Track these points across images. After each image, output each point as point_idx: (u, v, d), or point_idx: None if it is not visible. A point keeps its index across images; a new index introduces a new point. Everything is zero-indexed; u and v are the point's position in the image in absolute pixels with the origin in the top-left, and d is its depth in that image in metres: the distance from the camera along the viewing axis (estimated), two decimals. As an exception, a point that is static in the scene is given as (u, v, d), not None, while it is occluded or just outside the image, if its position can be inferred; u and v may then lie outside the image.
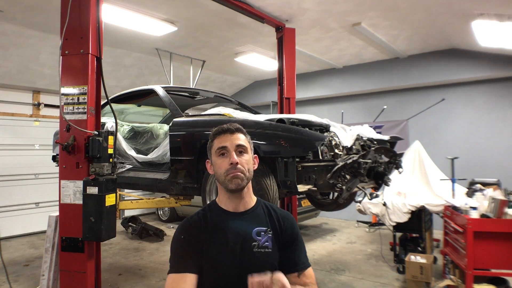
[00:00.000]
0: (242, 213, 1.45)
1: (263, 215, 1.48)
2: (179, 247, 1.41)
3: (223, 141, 1.43)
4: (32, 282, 4.48)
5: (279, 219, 1.48)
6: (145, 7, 4.90)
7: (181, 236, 1.42)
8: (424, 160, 5.22)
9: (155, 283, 4.60)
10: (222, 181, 1.41)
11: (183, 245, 1.40)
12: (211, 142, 1.47)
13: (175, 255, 1.40)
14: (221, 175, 1.41)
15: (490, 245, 3.48)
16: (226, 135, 1.44)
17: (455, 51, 6.78)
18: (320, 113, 4.79)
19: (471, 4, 4.60)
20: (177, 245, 1.42)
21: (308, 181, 2.72)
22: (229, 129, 1.44)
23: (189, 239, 1.40)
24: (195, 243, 1.39)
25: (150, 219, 8.47)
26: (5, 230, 6.43)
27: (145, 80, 7.84)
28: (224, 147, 1.42)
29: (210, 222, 1.43)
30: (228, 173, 1.39)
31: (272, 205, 1.56)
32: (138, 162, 4.14)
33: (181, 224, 1.48)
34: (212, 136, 1.47)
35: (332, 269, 4.97)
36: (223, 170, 1.40)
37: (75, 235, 2.78)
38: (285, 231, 1.46)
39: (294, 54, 5.26)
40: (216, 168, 1.43)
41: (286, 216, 1.52)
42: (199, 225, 1.43)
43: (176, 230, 1.46)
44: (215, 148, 1.44)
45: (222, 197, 1.48)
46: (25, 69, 6.43)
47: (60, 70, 2.88)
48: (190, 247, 1.39)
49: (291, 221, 1.51)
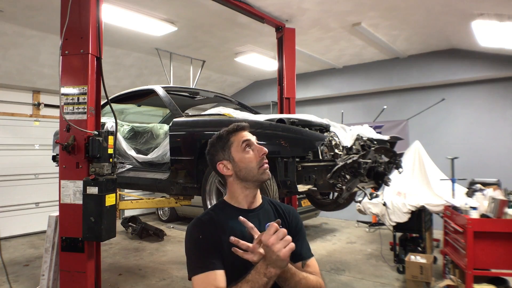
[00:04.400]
0: (255, 209, 1.45)
1: (271, 211, 1.50)
2: (199, 247, 1.31)
3: (244, 135, 1.42)
4: (32, 282, 4.48)
5: (285, 213, 1.51)
6: (145, 7, 4.90)
7: (199, 236, 1.33)
8: (424, 160, 5.22)
9: (155, 283, 4.60)
10: (254, 175, 1.39)
11: (203, 244, 1.31)
12: (227, 140, 1.43)
13: (196, 255, 1.31)
14: (253, 169, 1.38)
15: (490, 245, 3.48)
16: (242, 131, 1.44)
17: (455, 51, 6.78)
18: (320, 113, 4.79)
19: (471, 4, 4.60)
20: (196, 245, 1.32)
21: (308, 181, 2.72)
22: (243, 126, 1.45)
23: (208, 238, 1.32)
24: (215, 242, 1.31)
25: (150, 219, 8.48)
26: (5, 230, 6.43)
27: (145, 80, 7.84)
28: (248, 140, 1.41)
29: (224, 221, 1.37)
30: (261, 164, 1.39)
31: (275, 200, 1.59)
32: (138, 162, 4.14)
33: (192, 225, 1.38)
34: (227, 135, 1.43)
35: (332, 269, 4.97)
36: (255, 163, 1.38)
37: (75, 235, 2.78)
38: (290, 224, 1.49)
39: (294, 54, 5.26)
40: (246, 163, 1.39)
41: (290, 210, 1.55)
42: (214, 224, 1.36)
43: (189, 233, 1.37)
44: (238, 143, 1.41)
45: (238, 195, 1.43)
46: (25, 69, 6.43)
47: (60, 70, 2.88)
48: (210, 245, 1.31)
49: (295, 214, 1.55)
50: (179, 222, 8.10)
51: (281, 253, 1.12)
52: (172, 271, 5.00)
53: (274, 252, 1.13)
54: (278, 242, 1.13)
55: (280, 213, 1.51)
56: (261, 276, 1.15)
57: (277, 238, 1.14)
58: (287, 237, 1.16)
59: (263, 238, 1.15)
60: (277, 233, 1.15)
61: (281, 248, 1.12)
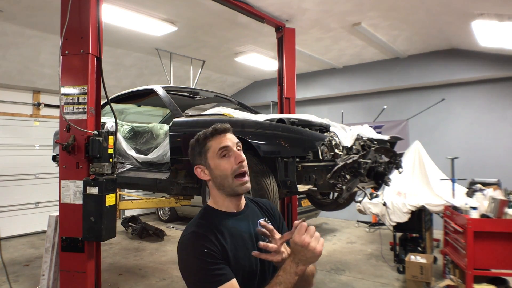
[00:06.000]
0: (243, 211, 1.42)
1: (256, 208, 1.49)
2: (206, 261, 1.21)
3: (222, 141, 1.34)
4: (32, 282, 4.48)
5: (267, 208, 1.53)
6: (145, 7, 4.90)
7: (204, 250, 1.23)
8: (424, 160, 5.22)
9: (155, 283, 4.60)
10: (228, 185, 1.33)
11: (209, 257, 1.22)
12: (203, 145, 1.36)
13: (205, 270, 1.21)
14: (227, 177, 1.32)
15: (490, 245, 3.48)
16: (221, 135, 1.36)
17: (455, 51, 6.78)
18: (320, 113, 4.79)
19: (471, 4, 4.60)
20: (203, 259, 1.22)
21: (308, 181, 2.71)
22: (222, 128, 1.37)
23: (212, 249, 1.24)
24: (220, 252, 1.25)
25: (150, 219, 8.48)
26: (5, 230, 6.43)
27: (145, 80, 7.84)
28: (226, 147, 1.33)
29: (220, 229, 1.31)
30: (236, 173, 1.32)
31: (252, 198, 1.57)
32: (138, 162, 4.14)
33: (191, 239, 1.27)
34: (204, 139, 1.37)
35: (332, 269, 4.97)
36: (229, 172, 1.32)
37: (75, 235, 2.78)
38: (275, 216, 1.52)
39: (294, 54, 5.25)
40: (220, 170, 1.33)
41: (269, 204, 1.57)
42: (213, 233, 1.29)
43: (190, 248, 1.26)
44: (215, 150, 1.34)
45: (223, 201, 1.38)
46: (25, 69, 6.43)
47: (60, 70, 2.88)
48: (218, 256, 1.24)
49: (273, 206, 1.58)
50: (179, 222, 8.11)
51: (317, 250, 1.17)
52: (172, 271, 5.00)
53: (310, 250, 1.16)
54: (312, 240, 1.17)
55: (264, 209, 1.52)
56: (293, 276, 1.18)
57: (310, 236, 1.18)
58: (316, 233, 1.19)
59: (298, 239, 1.18)
60: (308, 231, 1.19)
61: (316, 245, 1.17)
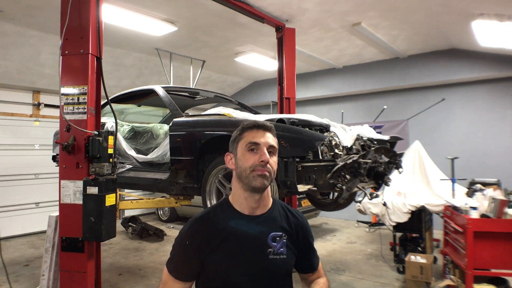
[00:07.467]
0: (258, 216, 1.38)
1: (279, 218, 1.42)
2: (181, 252, 1.35)
3: (255, 136, 1.34)
4: (32, 282, 4.48)
5: (292, 225, 1.45)
6: (145, 7, 4.90)
7: (186, 242, 1.34)
8: (424, 160, 5.22)
9: (155, 283, 4.60)
10: (245, 177, 1.31)
11: (185, 251, 1.33)
12: (239, 134, 1.37)
13: (175, 258, 1.36)
14: (245, 170, 1.31)
15: (490, 245, 3.48)
16: (259, 131, 1.35)
17: (455, 51, 6.78)
18: (320, 113, 4.78)
19: (471, 4, 4.60)
20: (180, 249, 1.35)
21: (308, 181, 2.72)
22: (264, 125, 1.37)
23: (194, 245, 1.32)
24: (200, 250, 1.32)
25: (150, 219, 8.47)
26: (5, 230, 6.43)
27: (145, 80, 7.84)
28: (256, 143, 1.32)
29: (221, 226, 1.34)
30: (254, 169, 1.30)
31: (288, 207, 1.51)
32: (138, 162, 4.14)
33: (189, 225, 1.37)
34: (242, 129, 1.37)
35: (332, 269, 4.97)
36: (249, 165, 1.31)
37: (75, 235, 2.78)
38: (297, 236, 1.45)
39: (294, 54, 5.26)
40: (242, 161, 1.33)
41: (300, 223, 1.48)
42: (208, 229, 1.34)
43: (183, 231, 1.37)
44: (245, 142, 1.34)
45: (238, 196, 1.38)
46: (25, 69, 6.43)
47: (60, 70, 2.88)
48: (192, 254, 1.33)
49: (304, 227, 1.49)
50: (179, 222, 8.10)
51: None
52: (172, 271, 4.99)
53: None
54: None
55: (289, 221, 1.44)
56: None
57: None
58: None
59: None
60: None
61: None
